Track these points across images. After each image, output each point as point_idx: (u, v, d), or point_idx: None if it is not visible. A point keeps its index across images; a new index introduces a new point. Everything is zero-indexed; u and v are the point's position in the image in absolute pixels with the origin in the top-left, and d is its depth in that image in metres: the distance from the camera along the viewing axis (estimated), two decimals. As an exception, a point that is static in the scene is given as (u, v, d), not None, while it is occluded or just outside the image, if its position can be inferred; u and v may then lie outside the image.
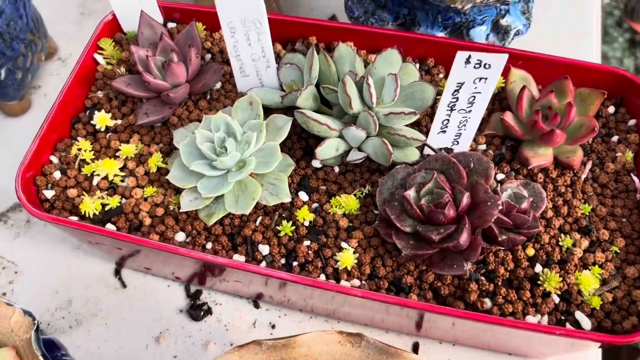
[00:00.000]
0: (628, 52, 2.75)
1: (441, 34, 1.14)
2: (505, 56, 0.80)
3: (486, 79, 0.83)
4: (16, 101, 1.34)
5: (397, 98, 0.91)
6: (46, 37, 1.40)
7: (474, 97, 0.86)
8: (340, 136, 0.92)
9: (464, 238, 0.78)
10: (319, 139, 0.97)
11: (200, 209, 0.89)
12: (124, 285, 1.20)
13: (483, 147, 0.97)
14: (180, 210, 0.87)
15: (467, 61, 0.81)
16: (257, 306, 1.10)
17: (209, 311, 1.17)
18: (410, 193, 0.83)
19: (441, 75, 1.05)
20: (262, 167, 0.88)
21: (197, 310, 1.17)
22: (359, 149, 0.93)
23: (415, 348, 1.04)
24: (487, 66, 0.81)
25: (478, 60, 0.81)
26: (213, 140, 0.89)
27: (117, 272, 1.19)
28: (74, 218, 0.92)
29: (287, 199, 0.87)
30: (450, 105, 0.88)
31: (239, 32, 0.93)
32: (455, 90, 0.86)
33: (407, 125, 0.92)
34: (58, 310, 1.19)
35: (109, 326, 1.16)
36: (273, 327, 1.14)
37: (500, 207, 0.79)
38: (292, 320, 1.12)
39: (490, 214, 0.79)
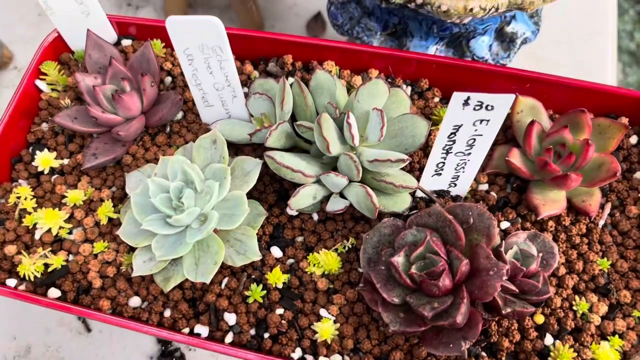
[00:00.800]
0: (639, 26, 2.58)
1: (436, 47, 0.99)
2: (512, 97, 0.66)
3: (488, 121, 0.70)
4: (-34, 120, 1.20)
5: (385, 136, 0.77)
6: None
7: (474, 139, 0.73)
8: (318, 181, 0.79)
9: (461, 315, 0.66)
10: (295, 183, 0.84)
11: (155, 273, 0.76)
12: (88, 330, 1.09)
13: (485, 187, 0.84)
14: (133, 274, 0.75)
15: (466, 103, 0.67)
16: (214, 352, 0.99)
17: (181, 358, 1.06)
18: (399, 259, 0.70)
19: (436, 100, 0.91)
20: (227, 222, 0.75)
21: (168, 358, 1.06)
22: (341, 195, 0.80)
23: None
24: (489, 107, 0.68)
25: (479, 102, 0.67)
26: (169, 190, 0.76)
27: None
28: (13, 281, 0.80)
29: (256, 257, 0.75)
30: (445, 148, 0.74)
31: (198, 60, 0.79)
32: (452, 133, 0.72)
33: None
34: (16, 358, 1.08)
35: (72, 377, 1.05)
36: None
37: (504, 277, 0.67)
38: (273, 367, 1.01)
39: (493, 286, 0.66)
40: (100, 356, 1.07)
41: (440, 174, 0.79)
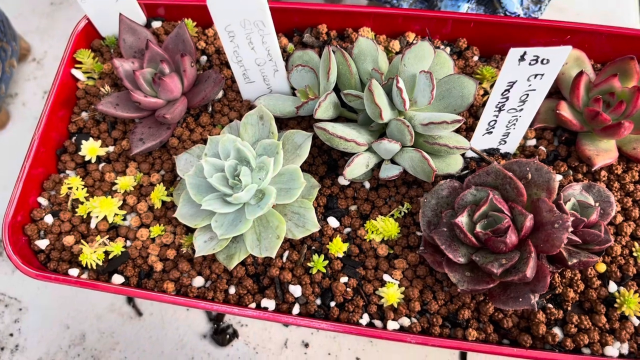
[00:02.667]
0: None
1: (467, 5, 0.98)
2: (568, 49, 0.65)
3: (543, 75, 0.69)
4: (-7, 116, 1.20)
5: (433, 99, 0.77)
6: (15, 39, 1.24)
7: (527, 94, 0.73)
8: (370, 149, 0.79)
9: (530, 269, 0.67)
10: (344, 152, 0.84)
11: (217, 252, 0.77)
12: (139, 314, 1.10)
13: (533, 142, 0.84)
14: (195, 255, 0.75)
15: (522, 58, 0.67)
16: (286, 324, 1.01)
17: (234, 334, 1.07)
18: (463, 219, 0.70)
19: (476, 58, 0.91)
20: (284, 196, 0.76)
21: (221, 335, 1.07)
22: (392, 161, 0.80)
23: (464, 356, 0.95)
24: (544, 62, 0.67)
25: (534, 56, 0.67)
26: (224, 169, 0.76)
27: (130, 299, 1.09)
28: (75, 271, 0.80)
29: (315, 229, 0.75)
30: (498, 105, 0.74)
31: (239, 36, 0.78)
32: (506, 90, 0.72)
33: (446, 130, 0.79)
34: (72, 347, 1.09)
35: (129, 360, 1.07)
36: (306, 345, 1.05)
37: (569, 229, 0.67)
38: (325, 335, 1.03)
39: (559, 238, 0.67)
40: (154, 338, 1.08)
41: (492, 132, 0.79)
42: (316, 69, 0.84)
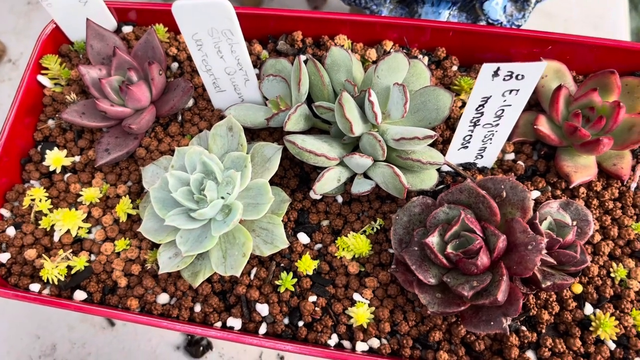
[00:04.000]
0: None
1: (448, 12, 0.96)
2: (544, 65, 0.63)
3: (518, 90, 0.67)
4: (-35, 119, 1.16)
5: (407, 112, 0.74)
6: (-11, 40, 1.21)
7: (503, 110, 0.70)
8: (341, 163, 0.77)
9: (502, 293, 0.64)
10: (317, 166, 0.81)
11: (182, 269, 0.74)
12: (111, 324, 1.08)
13: (511, 156, 0.81)
14: (160, 272, 0.73)
15: (496, 74, 0.64)
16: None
17: (209, 346, 1.05)
18: (434, 239, 0.68)
19: (455, 68, 0.88)
20: (252, 212, 0.73)
21: (195, 346, 1.05)
22: (365, 175, 0.78)
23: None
24: (519, 77, 0.65)
25: (509, 72, 0.64)
26: (189, 182, 0.74)
27: (103, 310, 1.07)
28: (36, 286, 0.78)
29: (284, 245, 0.73)
30: (473, 120, 0.72)
31: (207, 45, 0.75)
32: (480, 105, 0.69)
33: (420, 144, 0.76)
34: (42, 357, 1.07)
35: (101, 372, 1.05)
36: (282, 358, 1.03)
37: (543, 251, 0.65)
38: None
39: (532, 260, 0.65)
40: (126, 349, 1.06)
41: (467, 147, 0.77)
42: (288, 79, 0.81)
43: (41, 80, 0.88)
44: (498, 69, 0.63)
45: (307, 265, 0.74)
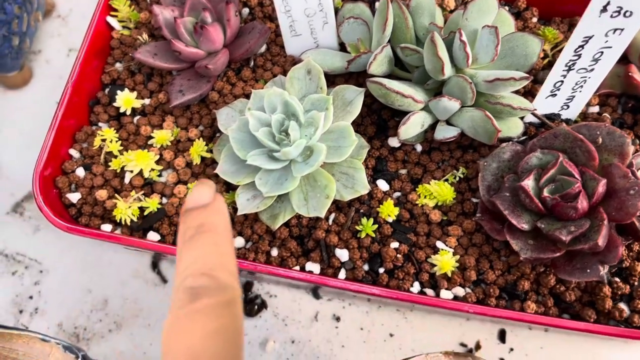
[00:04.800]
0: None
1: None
2: (658, -1, 0.60)
3: (622, 30, 0.64)
4: (16, 72, 1.15)
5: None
6: (42, -8, 1.19)
7: (602, 53, 0.68)
8: (425, 108, 0.74)
9: (602, 238, 0.62)
10: (396, 112, 0.79)
11: (261, 211, 0.72)
12: (164, 280, 1.06)
13: (595, 109, 0.79)
14: (238, 213, 0.71)
15: (604, 9, 0.62)
16: (317, 297, 0.96)
17: (263, 305, 1.03)
18: (529, 183, 0.66)
19: (534, 20, 0.85)
20: (333, 155, 0.71)
21: (250, 305, 1.03)
22: (448, 122, 0.76)
23: (502, 335, 0.91)
24: (627, 14, 0.62)
25: (618, 7, 0.61)
26: (270, 124, 0.72)
27: (155, 266, 1.05)
28: (108, 227, 0.76)
29: (365, 190, 0.71)
30: (569, 64, 0.69)
31: (291, -18, 0.73)
32: (580, 47, 0.67)
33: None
34: (94, 312, 1.05)
35: (153, 328, 1.03)
36: (337, 319, 1.01)
37: (646, 196, 0.63)
38: (358, 310, 0.98)
39: (634, 205, 0.62)
40: (179, 306, 1.04)
41: (556, 94, 0.74)
42: (369, 22, 0.79)
43: (110, 22, 0.86)
44: (608, 3, 0.61)
45: (390, 211, 0.72)
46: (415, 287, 0.71)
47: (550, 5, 0.85)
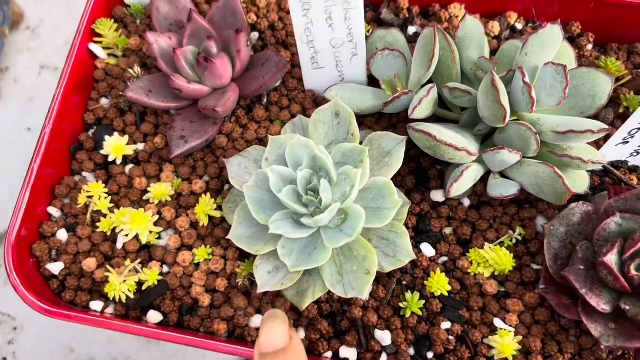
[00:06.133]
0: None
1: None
2: None
3: None
4: (-20, 95, 1.01)
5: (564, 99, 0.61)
6: (7, 2, 1.04)
7: (693, 98, 0.57)
8: (478, 159, 0.63)
9: None
10: (437, 161, 0.67)
11: (286, 288, 0.60)
12: (158, 336, 0.93)
13: (665, 153, 0.69)
14: (258, 291, 0.59)
15: None
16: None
17: (272, 363, 0.92)
18: (612, 258, 0.55)
19: (590, 47, 0.74)
20: (372, 219, 0.59)
21: (257, 363, 0.91)
22: (502, 175, 0.64)
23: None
24: None
25: None
26: (294, 181, 0.60)
27: (147, 319, 0.92)
28: (98, 304, 0.63)
29: (409, 259, 0.59)
30: (652, 110, 0.59)
31: (316, 10, 0.61)
32: (671, 92, 0.56)
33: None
34: (78, 374, 0.92)
35: (148, 394, 0.91)
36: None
37: None
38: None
39: None
40: (177, 367, 0.92)
41: (628, 142, 0.63)
42: (405, 55, 0.67)
43: (94, 50, 0.72)
44: None
45: (441, 284, 0.61)
46: (471, 376, 0.60)
47: (608, 30, 0.74)
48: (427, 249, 0.64)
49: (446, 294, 0.61)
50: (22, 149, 1.01)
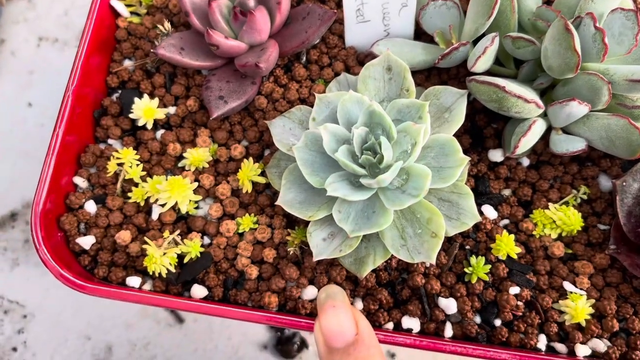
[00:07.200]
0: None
1: None
2: None
3: None
4: (-23, 68, 0.93)
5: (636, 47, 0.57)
6: (4, -32, 0.97)
7: None
8: (541, 115, 0.59)
9: None
10: (493, 117, 0.63)
11: (343, 256, 0.56)
12: (180, 320, 0.88)
13: None
14: (314, 259, 0.54)
15: None
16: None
17: (303, 344, 0.87)
18: (698, 211, 0.52)
19: (641, -1, 0.71)
20: (435, 178, 0.55)
21: (287, 345, 0.87)
22: (565, 130, 0.60)
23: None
24: None
25: None
26: (350, 140, 0.55)
27: (168, 302, 0.87)
28: (136, 280, 0.58)
29: (474, 221, 0.55)
30: None
31: (369, -47, 0.56)
32: None
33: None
34: (96, 362, 0.87)
35: (172, 379, 0.86)
36: (392, 356, 0.86)
37: None
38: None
39: None
40: (200, 350, 0.87)
41: (696, 93, 0.60)
42: (459, 5, 0.62)
43: (115, 6, 0.66)
44: None
45: (510, 246, 0.57)
46: (542, 342, 0.56)
47: (659, -18, 0.70)
48: (489, 211, 0.60)
49: (515, 256, 0.57)
50: (23, 126, 0.94)
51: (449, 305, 0.56)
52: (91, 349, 0.87)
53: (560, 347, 0.56)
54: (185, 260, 0.58)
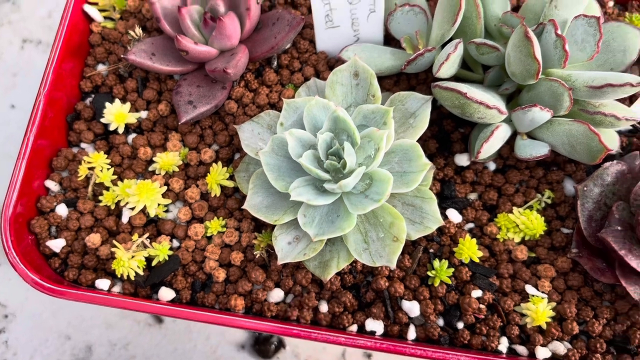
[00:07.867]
0: None
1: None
2: None
3: None
4: (-40, 70, 0.94)
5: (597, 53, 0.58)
6: (-14, -29, 0.97)
7: None
8: (505, 119, 0.60)
9: None
10: (460, 122, 0.64)
11: (307, 260, 0.57)
12: (159, 320, 0.89)
13: (692, 112, 0.66)
14: (278, 262, 0.55)
15: None
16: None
17: (280, 344, 0.88)
18: (654, 216, 0.53)
19: (611, 4, 0.72)
20: (398, 183, 0.55)
21: (264, 345, 0.88)
22: (530, 135, 0.61)
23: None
24: None
25: None
26: (315, 145, 0.56)
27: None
28: (105, 283, 0.59)
29: (436, 225, 0.56)
30: (690, 63, 0.56)
31: (335, -40, 0.57)
32: None
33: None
34: (76, 362, 0.88)
35: (151, 379, 0.87)
36: (369, 356, 0.87)
37: None
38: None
39: None
40: (179, 351, 0.88)
41: (660, 99, 0.61)
42: (426, 10, 0.63)
43: (89, 12, 0.67)
44: None
45: (472, 250, 0.58)
46: (503, 344, 0.57)
47: (628, -13, 0.71)
48: (454, 215, 0.61)
49: (477, 260, 0.58)
50: (6, 128, 0.95)
51: (412, 308, 0.57)
52: (71, 348, 0.88)
53: (521, 350, 0.57)
54: (154, 263, 0.59)
